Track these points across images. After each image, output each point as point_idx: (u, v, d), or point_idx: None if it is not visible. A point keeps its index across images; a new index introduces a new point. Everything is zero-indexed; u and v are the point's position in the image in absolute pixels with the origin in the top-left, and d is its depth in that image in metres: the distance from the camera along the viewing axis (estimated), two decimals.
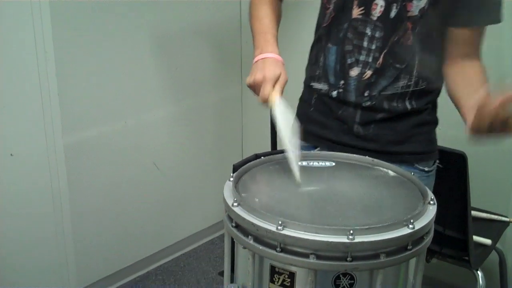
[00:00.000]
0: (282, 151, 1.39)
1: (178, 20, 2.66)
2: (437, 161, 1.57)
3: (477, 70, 1.43)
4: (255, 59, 1.41)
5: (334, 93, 1.50)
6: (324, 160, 1.36)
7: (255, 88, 1.34)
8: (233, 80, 2.99)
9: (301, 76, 1.63)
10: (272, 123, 1.62)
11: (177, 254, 3.00)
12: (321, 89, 1.54)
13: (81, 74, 2.31)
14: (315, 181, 1.23)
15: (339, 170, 1.32)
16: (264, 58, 1.39)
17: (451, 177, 1.94)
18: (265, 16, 1.53)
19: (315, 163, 1.35)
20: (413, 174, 1.26)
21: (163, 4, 2.56)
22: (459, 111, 1.39)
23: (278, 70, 1.34)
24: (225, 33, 2.89)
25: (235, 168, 1.27)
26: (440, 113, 1.56)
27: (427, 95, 1.49)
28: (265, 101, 1.31)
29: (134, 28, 2.48)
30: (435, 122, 1.55)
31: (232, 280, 1.22)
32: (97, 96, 2.39)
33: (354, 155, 1.36)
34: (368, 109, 1.47)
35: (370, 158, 1.34)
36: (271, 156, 1.36)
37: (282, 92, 1.34)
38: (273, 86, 1.32)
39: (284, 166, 1.34)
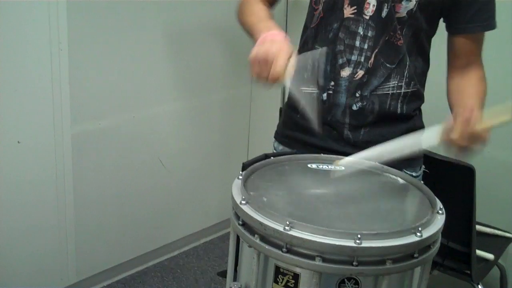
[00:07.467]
0: (291, 153, 1.39)
1: (191, 18, 2.66)
2: (423, 166, 1.57)
3: (472, 80, 1.46)
4: (263, 36, 1.29)
5: (324, 96, 1.47)
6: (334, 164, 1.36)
7: (265, 59, 1.22)
8: (243, 79, 2.97)
9: None
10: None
11: (177, 252, 2.99)
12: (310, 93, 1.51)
13: (93, 66, 2.31)
14: (324, 184, 1.23)
15: (348, 175, 1.31)
16: (274, 34, 1.30)
17: (458, 189, 1.93)
18: (260, 10, 1.51)
19: (325, 167, 1.34)
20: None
21: (177, 1, 2.56)
22: None
23: (292, 47, 1.26)
24: (237, 32, 2.88)
25: (244, 167, 1.26)
26: None
27: (416, 100, 1.50)
28: (278, 76, 1.21)
29: (148, 24, 2.48)
30: (422, 128, 1.56)
31: (235, 279, 1.22)
32: (107, 88, 2.39)
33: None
34: (358, 112, 1.45)
35: (380, 165, 1.33)
36: (281, 157, 1.35)
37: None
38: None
39: (293, 168, 1.33)
